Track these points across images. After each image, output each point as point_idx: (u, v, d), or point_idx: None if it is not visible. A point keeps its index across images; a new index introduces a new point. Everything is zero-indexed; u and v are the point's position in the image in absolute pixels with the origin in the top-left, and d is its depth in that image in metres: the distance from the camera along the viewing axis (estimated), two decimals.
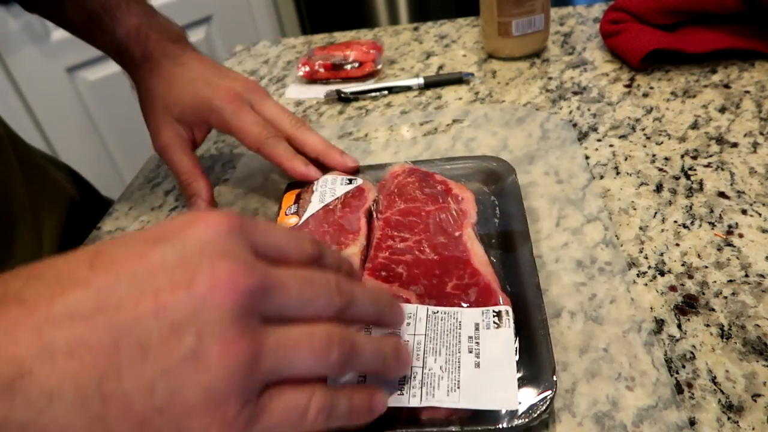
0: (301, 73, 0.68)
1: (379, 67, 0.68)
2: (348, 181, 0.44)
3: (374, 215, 0.41)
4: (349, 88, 0.64)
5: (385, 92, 0.63)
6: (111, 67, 1.37)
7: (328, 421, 0.24)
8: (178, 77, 0.47)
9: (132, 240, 0.22)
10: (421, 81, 0.63)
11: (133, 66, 0.48)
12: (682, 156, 0.46)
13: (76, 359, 0.19)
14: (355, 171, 0.47)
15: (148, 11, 0.49)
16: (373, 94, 0.63)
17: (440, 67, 0.67)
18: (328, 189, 0.43)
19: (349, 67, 0.67)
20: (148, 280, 0.21)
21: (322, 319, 0.25)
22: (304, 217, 0.41)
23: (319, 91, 0.65)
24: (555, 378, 0.29)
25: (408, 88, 0.63)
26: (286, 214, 0.43)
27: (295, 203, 0.43)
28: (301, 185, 0.45)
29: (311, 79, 0.68)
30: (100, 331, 0.19)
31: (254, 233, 0.25)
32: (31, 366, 0.18)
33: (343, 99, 0.63)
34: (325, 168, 0.47)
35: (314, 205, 0.42)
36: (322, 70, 0.68)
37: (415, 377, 0.30)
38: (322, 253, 0.28)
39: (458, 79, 0.63)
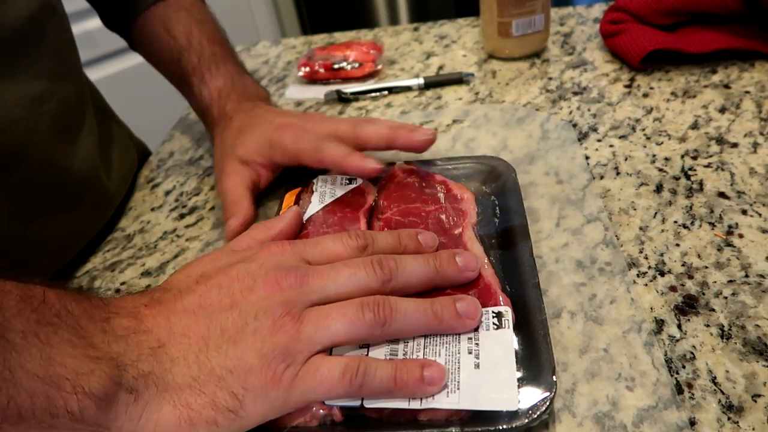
0: (301, 74, 0.68)
1: (379, 67, 0.68)
2: (348, 182, 0.44)
3: (374, 216, 0.41)
4: (349, 88, 0.64)
5: (386, 92, 0.63)
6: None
7: (363, 385, 0.28)
8: (247, 126, 0.48)
9: (225, 260, 0.33)
10: (421, 81, 0.63)
11: (212, 124, 0.51)
12: (682, 156, 0.46)
13: (185, 338, 0.29)
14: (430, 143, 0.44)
15: (235, 73, 0.53)
16: (373, 94, 0.63)
17: (440, 68, 0.67)
18: (328, 189, 0.43)
19: (349, 67, 0.67)
20: (228, 287, 0.31)
21: (369, 293, 0.31)
22: (304, 218, 0.41)
23: (319, 92, 0.65)
24: (555, 378, 0.29)
25: (408, 89, 0.63)
26: None
27: (295, 204, 0.43)
28: (301, 185, 0.45)
29: (311, 79, 0.68)
30: (199, 321, 0.29)
31: (303, 247, 0.33)
32: (164, 341, 0.29)
33: (343, 99, 0.63)
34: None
35: (314, 205, 0.42)
36: (322, 70, 0.68)
37: None
38: (370, 242, 0.34)
39: (458, 80, 0.63)
